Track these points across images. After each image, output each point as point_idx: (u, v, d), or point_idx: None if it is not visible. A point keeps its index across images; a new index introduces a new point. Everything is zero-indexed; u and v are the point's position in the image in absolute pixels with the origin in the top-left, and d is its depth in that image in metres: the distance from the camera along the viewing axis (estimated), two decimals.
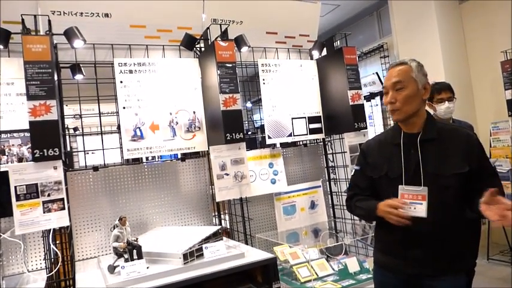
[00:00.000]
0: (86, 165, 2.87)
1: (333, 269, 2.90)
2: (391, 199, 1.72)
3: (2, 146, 2.45)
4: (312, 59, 3.70)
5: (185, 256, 2.17)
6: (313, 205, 3.56)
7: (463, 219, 1.70)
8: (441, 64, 4.96)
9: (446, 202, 1.68)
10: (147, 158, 3.24)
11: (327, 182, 3.73)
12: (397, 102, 1.74)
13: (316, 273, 2.82)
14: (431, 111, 3.12)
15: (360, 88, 3.30)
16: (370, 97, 6.37)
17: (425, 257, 1.70)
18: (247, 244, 2.99)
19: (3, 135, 2.46)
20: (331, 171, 3.71)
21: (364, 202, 1.89)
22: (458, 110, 3.36)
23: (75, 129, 5.38)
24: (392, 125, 1.95)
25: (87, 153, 2.98)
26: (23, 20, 2.32)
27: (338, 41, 3.61)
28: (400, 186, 1.74)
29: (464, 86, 5.08)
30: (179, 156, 3.15)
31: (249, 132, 4.22)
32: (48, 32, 2.42)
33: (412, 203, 1.69)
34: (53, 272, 2.28)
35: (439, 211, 1.66)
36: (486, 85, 4.98)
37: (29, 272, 2.46)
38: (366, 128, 3.24)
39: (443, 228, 1.68)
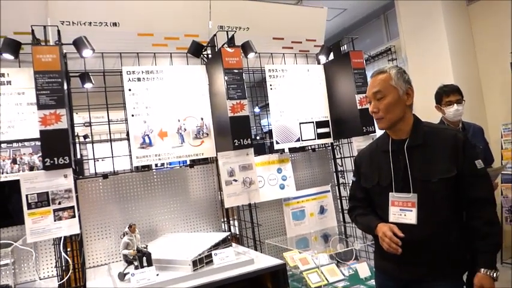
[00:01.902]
0: (95, 173, 2.89)
1: (344, 275, 2.88)
2: (388, 226, 1.71)
3: (14, 155, 2.48)
4: (319, 63, 3.69)
5: (194, 263, 2.18)
6: (322, 210, 3.54)
7: (456, 223, 1.71)
8: (450, 66, 4.92)
9: (436, 208, 1.68)
10: (156, 165, 3.26)
11: (336, 187, 3.71)
12: (380, 112, 1.76)
13: (327, 279, 2.80)
14: (441, 114, 3.12)
15: None
16: None
17: (420, 262, 1.71)
18: (256, 250, 2.98)
19: (14, 144, 2.49)
20: (340, 175, 3.69)
21: (364, 218, 1.91)
22: (468, 112, 3.33)
23: (85, 136, 5.44)
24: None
25: (97, 160, 3.01)
26: (33, 30, 2.36)
27: (345, 45, 3.61)
28: (390, 194, 1.77)
29: (473, 88, 5.03)
30: (188, 163, 3.16)
31: (257, 137, 4.22)
32: (57, 42, 2.46)
33: (403, 210, 1.71)
34: (64, 280, 2.30)
35: (429, 217, 1.67)
36: (496, 87, 4.93)
37: (40, 279, 2.49)
38: (374, 131, 3.22)
39: (436, 234, 1.68)
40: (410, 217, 1.69)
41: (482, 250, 1.64)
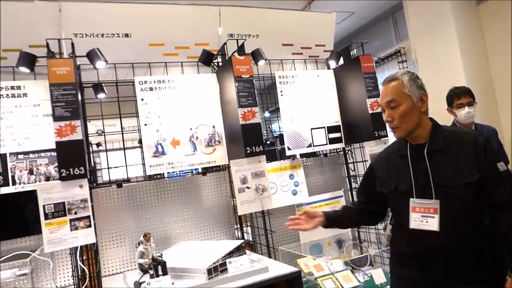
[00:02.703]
0: (109, 180, 2.92)
1: (359, 281, 2.85)
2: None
3: (30, 166, 2.53)
4: (328, 68, 3.69)
5: (209, 271, 2.19)
6: None
7: (479, 229, 1.66)
8: (461, 67, 4.87)
9: (459, 213, 1.64)
10: (168, 172, 3.28)
11: (349, 192, 3.70)
12: (395, 120, 1.71)
13: (342, 286, 2.78)
14: (453, 117, 3.10)
15: (379, 96, 3.28)
16: None
17: (442, 269, 1.66)
18: (270, 257, 2.98)
19: (31, 155, 2.54)
20: (352, 180, 3.67)
21: (338, 211, 2.06)
22: (481, 114, 3.29)
23: (98, 144, 5.50)
24: None
25: (110, 168, 3.04)
26: (47, 43, 2.40)
27: (355, 49, 3.60)
28: (411, 200, 1.71)
29: (486, 89, 4.97)
30: (199, 170, 3.18)
31: (268, 142, 4.23)
32: (71, 55, 2.50)
33: (424, 216, 1.67)
34: None
35: (452, 223, 1.63)
36: (509, 88, 4.86)
37: None
38: (386, 136, 3.21)
39: (458, 240, 1.64)
40: (433, 224, 1.64)
41: (510, 255, 1.59)
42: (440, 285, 1.68)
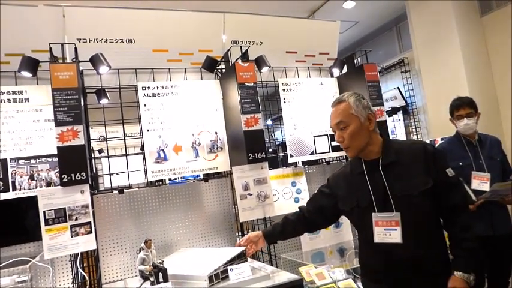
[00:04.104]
0: (111, 187, 2.91)
1: None
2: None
3: (31, 171, 2.52)
4: (332, 76, 3.69)
5: (210, 278, 2.15)
6: (337, 224, 3.49)
7: (439, 235, 1.76)
8: (464, 78, 4.86)
9: (420, 222, 1.69)
10: (169, 179, 3.26)
11: None
12: (345, 140, 1.77)
13: None
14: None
15: (382, 104, 3.27)
16: (392, 112, 6.29)
17: (409, 278, 1.69)
18: (271, 265, 2.95)
19: (32, 161, 2.52)
20: None
21: (278, 224, 2.18)
22: (484, 124, 3.26)
23: (100, 151, 5.49)
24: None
25: (112, 174, 3.03)
26: (50, 48, 2.40)
27: (358, 58, 3.60)
28: (373, 214, 1.75)
29: (489, 100, 4.95)
30: (201, 177, 3.16)
31: (270, 150, 4.21)
32: (74, 60, 2.50)
33: (387, 229, 1.70)
34: None
35: (415, 233, 1.68)
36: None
37: None
38: None
39: (422, 248, 1.69)
40: (396, 236, 1.67)
41: (458, 255, 1.69)
42: None
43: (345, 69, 3.64)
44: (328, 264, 3.13)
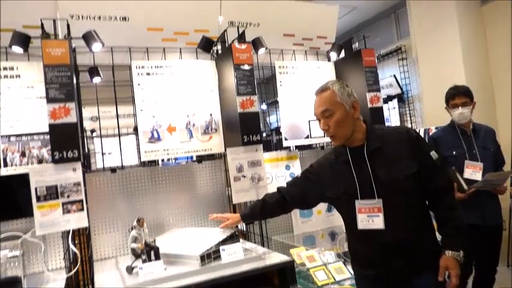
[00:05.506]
0: (103, 167, 2.89)
1: (350, 273, 2.84)
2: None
3: (23, 148, 2.49)
4: (329, 60, 3.67)
5: (202, 258, 2.17)
6: (329, 208, 3.51)
7: (426, 219, 1.78)
8: (462, 67, 4.85)
9: (407, 206, 1.71)
10: (162, 160, 3.25)
11: None
12: (331, 128, 1.76)
13: (334, 277, 2.77)
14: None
15: (379, 90, 3.26)
16: (387, 99, 6.28)
17: (397, 263, 1.71)
18: (263, 246, 2.97)
19: (23, 138, 2.50)
20: None
21: (257, 203, 2.23)
22: (479, 114, 3.26)
23: (93, 131, 5.46)
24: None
25: (104, 154, 3.01)
26: (42, 24, 2.35)
27: (356, 43, 3.57)
28: (356, 202, 1.76)
29: (485, 89, 4.95)
30: (194, 158, 3.15)
31: (264, 134, 4.20)
32: (67, 36, 2.45)
33: (370, 216, 1.72)
34: (73, 272, 2.30)
35: (402, 217, 1.70)
36: (508, 89, 4.85)
37: (48, 271, 2.49)
38: None
39: (410, 232, 1.71)
40: (378, 222, 1.69)
41: (446, 234, 1.74)
42: (396, 278, 1.73)
43: (342, 54, 3.62)
44: (319, 247, 3.15)
